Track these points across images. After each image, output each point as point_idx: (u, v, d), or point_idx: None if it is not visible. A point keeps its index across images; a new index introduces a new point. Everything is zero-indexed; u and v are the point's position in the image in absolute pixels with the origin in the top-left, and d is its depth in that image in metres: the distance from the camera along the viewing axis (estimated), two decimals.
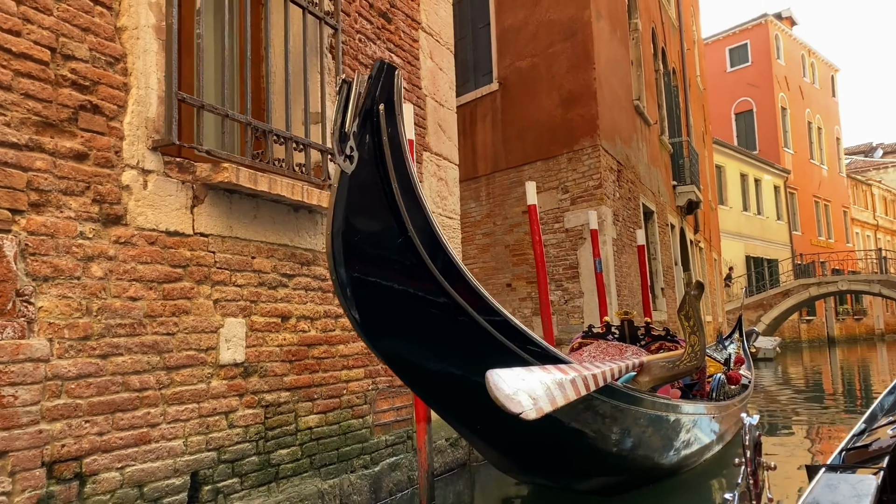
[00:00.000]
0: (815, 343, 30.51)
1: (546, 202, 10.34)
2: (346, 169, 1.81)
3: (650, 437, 3.66)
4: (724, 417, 5.67)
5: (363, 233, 1.92)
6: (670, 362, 3.50)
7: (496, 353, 2.45)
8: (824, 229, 35.39)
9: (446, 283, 2.14)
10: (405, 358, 2.33)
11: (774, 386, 14.13)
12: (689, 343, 3.49)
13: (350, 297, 1.97)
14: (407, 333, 2.22)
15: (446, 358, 2.36)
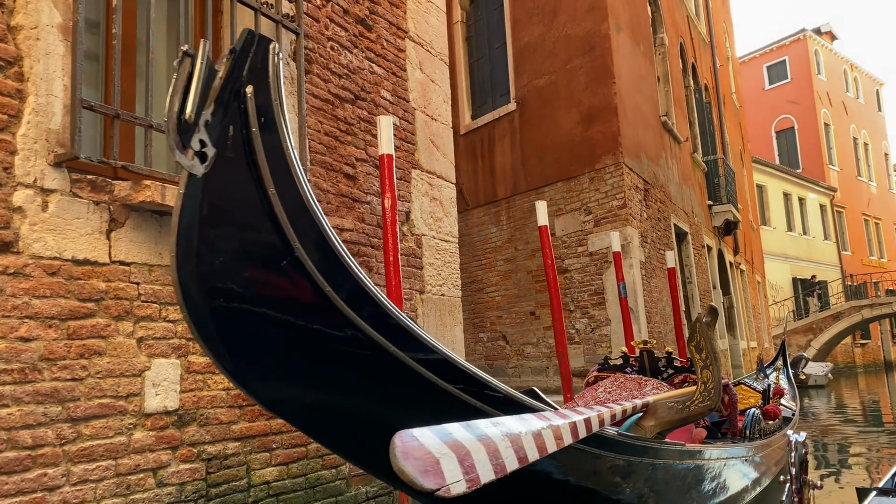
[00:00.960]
0: (871, 368, 28.97)
1: (568, 225, 9.83)
2: (193, 170, 1.38)
3: (661, 492, 3.11)
4: (761, 459, 5.03)
5: (228, 253, 1.48)
6: (679, 402, 2.95)
7: (433, 403, 1.97)
8: (876, 248, 33.82)
9: (354, 315, 1.67)
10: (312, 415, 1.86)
11: (827, 414, 13.29)
12: (700, 379, 2.95)
13: (214, 339, 1.53)
14: (309, 383, 1.77)
15: (362, 410, 1.89)
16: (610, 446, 2.61)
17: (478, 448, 1.67)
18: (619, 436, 2.67)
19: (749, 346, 16.75)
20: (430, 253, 4.78)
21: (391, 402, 1.93)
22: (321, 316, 1.64)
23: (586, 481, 2.67)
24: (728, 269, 15.87)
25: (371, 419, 1.91)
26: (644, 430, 2.96)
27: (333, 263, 1.63)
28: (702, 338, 2.98)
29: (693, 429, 4.36)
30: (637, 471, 2.87)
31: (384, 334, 1.76)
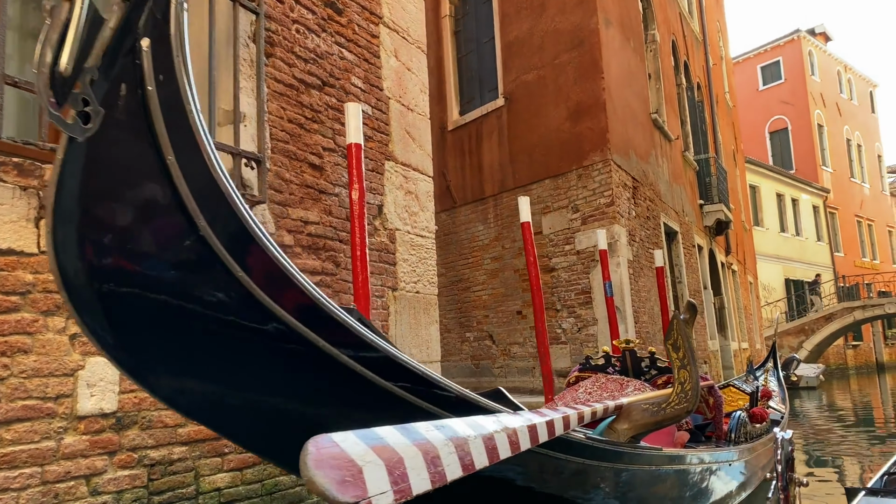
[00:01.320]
0: (863, 369, 28.91)
1: (556, 223, 9.65)
2: (73, 133, 1.18)
3: (636, 499, 2.93)
4: (746, 463, 4.86)
5: (118, 232, 1.28)
6: (655, 405, 2.77)
7: (372, 404, 1.79)
8: (868, 250, 33.76)
9: (273, 304, 1.48)
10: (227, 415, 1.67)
11: (818, 416, 13.18)
12: (677, 380, 2.77)
13: (103, 329, 1.33)
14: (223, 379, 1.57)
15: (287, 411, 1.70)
16: (577, 451, 2.43)
17: (413, 454, 1.48)
18: (587, 440, 2.49)
19: (740, 348, 16.62)
20: (405, 248, 4.60)
21: (322, 403, 1.74)
22: (233, 304, 1.45)
23: (552, 488, 2.48)
24: (719, 270, 15.72)
25: (298, 421, 1.72)
26: (617, 434, 2.77)
27: (247, 244, 1.43)
28: (679, 336, 2.80)
29: (675, 432, 4.19)
30: (608, 477, 2.69)
31: (312, 327, 1.57)
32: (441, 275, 11.28)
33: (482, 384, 10.61)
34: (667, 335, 2.85)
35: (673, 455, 3.21)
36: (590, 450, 2.48)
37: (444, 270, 11.29)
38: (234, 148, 3.17)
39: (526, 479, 2.33)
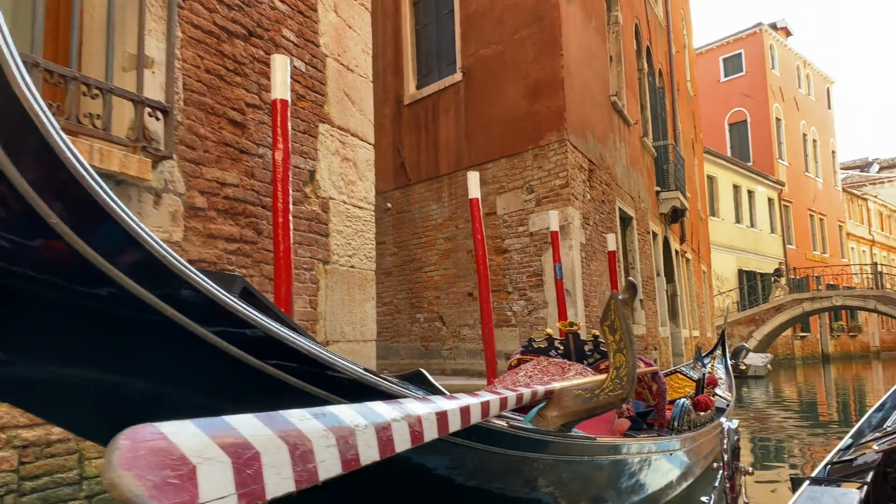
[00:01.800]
0: (810, 360, 29.61)
1: (510, 203, 9.44)
2: None
3: (569, 491, 2.72)
4: (689, 452, 4.73)
5: None
6: (587, 391, 2.56)
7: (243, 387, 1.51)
8: (819, 243, 34.50)
9: (112, 268, 1.18)
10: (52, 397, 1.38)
11: (764, 404, 13.35)
12: (612, 365, 2.56)
13: None
14: (55, 355, 1.27)
15: (136, 395, 1.41)
16: (498, 441, 2.19)
17: (276, 448, 1.20)
18: (509, 428, 2.25)
19: (691, 335, 16.74)
20: (339, 219, 4.30)
21: (181, 385, 1.46)
22: (59, 269, 1.15)
23: (472, 482, 2.24)
24: (673, 257, 15.76)
25: (153, 406, 1.44)
26: (546, 422, 2.55)
27: (75, 198, 1.12)
28: (616, 317, 2.58)
29: (615, 419, 4.00)
30: (535, 469, 2.46)
31: (151, 286, 1.28)
32: (393, 254, 11.00)
33: (431, 366, 10.39)
34: (603, 316, 2.64)
35: (608, 444, 3.00)
36: (512, 439, 2.24)
37: (396, 250, 11.00)
38: (136, 95, 2.83)
39: (441, 473, 2.08)
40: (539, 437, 2.40)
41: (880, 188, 44.07)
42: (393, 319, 10.99)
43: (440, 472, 2.08)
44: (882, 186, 44.36)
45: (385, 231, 11.18)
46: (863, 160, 51.68)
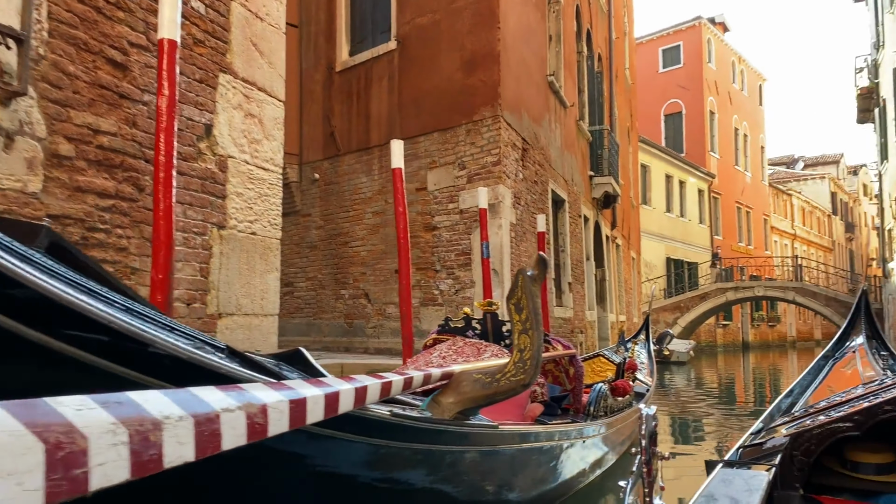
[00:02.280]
0: (730, 348, 30.60)
1: (441, 179, 9.16)
2: None
3: (470, 483, 2.49)
4: (604, 438, 4.59)
5: None
6: (488, 375, 2.31)
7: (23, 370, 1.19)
8: (745, 235, 35.61)
9: None
10: None
11: (685, 389, 13.58)
12: (516, 346, 2.32)
13: None
14: None
15: None
16: (379, 431, 1.92)
17: (22, 448, 0.89)
18: (392, 418, 1.98)
19: (618, 320, 16.92)
20: (240, 180, 3.93)
21: None
22: None
23: (347, 478, 1.97)
24: (604, 242, 15.84)
25: None
26: (441, 408, 2.29)
27: None
28: (523, 295, 2.34)
29: (526, 404, 3.80)
30: (426, 460, 2.21)
31: None
32: (319, 227, 10.60)
33: (354, 344, 10.09)
34: (509, 293, 2.38)
35: (512, 432, 2.78)
36: (396, 429, 1.97)
37: (322, 223, 10.60)
38: None
39: (304, 469, 1.80)
40: (430, 426, 2.14)
41: (804, 185, 45.82)
42: (316, 295, 10.61)
43: (302, 468, 1.79)
44: (806, 183, 46.13)
45: (311, 203, 10.76)
46: (789, 157, 53.61)
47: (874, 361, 3.80)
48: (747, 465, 2.26)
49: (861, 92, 19.38)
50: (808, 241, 43.01)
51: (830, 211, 46.63)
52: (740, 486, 1.96)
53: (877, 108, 18.77)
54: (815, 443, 2.28)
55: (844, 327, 4.88)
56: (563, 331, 11.24)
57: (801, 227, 42.94)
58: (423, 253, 9.25)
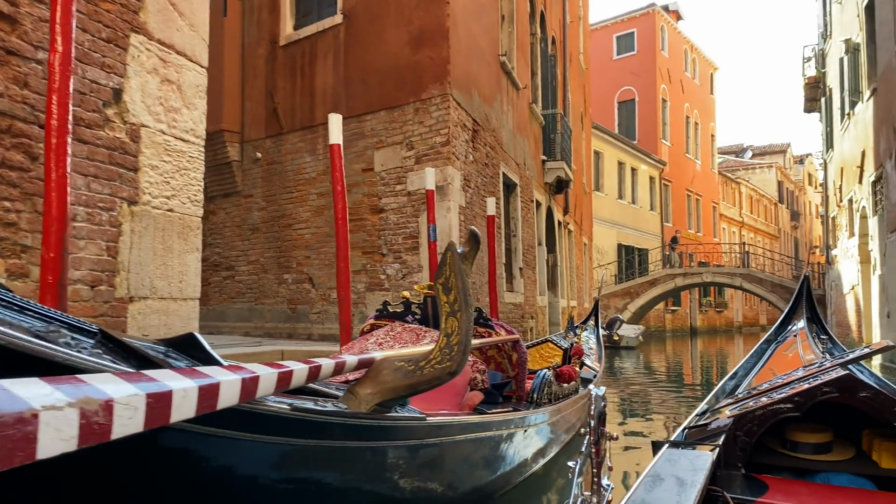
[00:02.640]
0: (679, 333, 31.11)
1: (388, 160, 8.87)
2: None
3: (387, 483, 2.26)
4: (547, 426, 4.42)
5: None
6: (411, 362, 2.08)
7: None
8: (694, 222, 36.17)
9: None
10: None
11: (634, 373, 13.66)
12: (443, 331, 2.09)
13: None
14: None
15: None
16: (278, 428, 1.67)
17: None
18: (292, 412, 1.73)
19: (569, 305, 16.92)
20: (155, 152, 3.59)
21: None
22: None
23: (243, 481, 1.71)
24: (556, 228, 15.77)
25: None
26: (358, 400, 2.05)
27: None
28: (452, 274, 2.11)
29: (464, 392, 3.59)
30: (339, 459, 1.97)
31: None
32: (261, 209, 10.21)
33: (297, 330, 9.77)
34: (437, 271, 2.15)
35: (443, 424, 2.55)
36: (296, 425, 1.73)
37: (264, 204, 10.21)
38: None
39: (184, 473, 1.54)
40: (340, 420, 1.90)
41: (752, 174, 46.79)
42: (259, 280, 10.24)
43: (182, 473, 1.53)
44: (754, 172, 47.12)
45: (253, 183, 10.35)
46: (738, 146, 54.66)
47: (814, 345, 3.91)
48: (692, 445, 2.30)
49: (808, 81, 19.69)
50: (755, 228, 43.99)
51: (777, 199, 47.77)
52: (685, 466, 2.00)
53: (823, 97, 19.09)
54: (758, 423, 2.34)
55: (786, 312, 4.98)
56: (513, 316, 11.11)
57: (749, 214, 43.88)
58: (370, 236, 8.97)
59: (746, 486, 2.20)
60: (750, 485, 2.22)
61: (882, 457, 2.34)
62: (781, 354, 4.19)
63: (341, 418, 1.90)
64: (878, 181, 12.95)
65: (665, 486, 1.82)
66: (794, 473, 2.42)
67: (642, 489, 1.79)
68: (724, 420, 2.45)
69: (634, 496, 1.71)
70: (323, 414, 1.84)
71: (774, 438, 2.55)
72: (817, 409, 2.36)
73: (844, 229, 16.55)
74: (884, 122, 12.24)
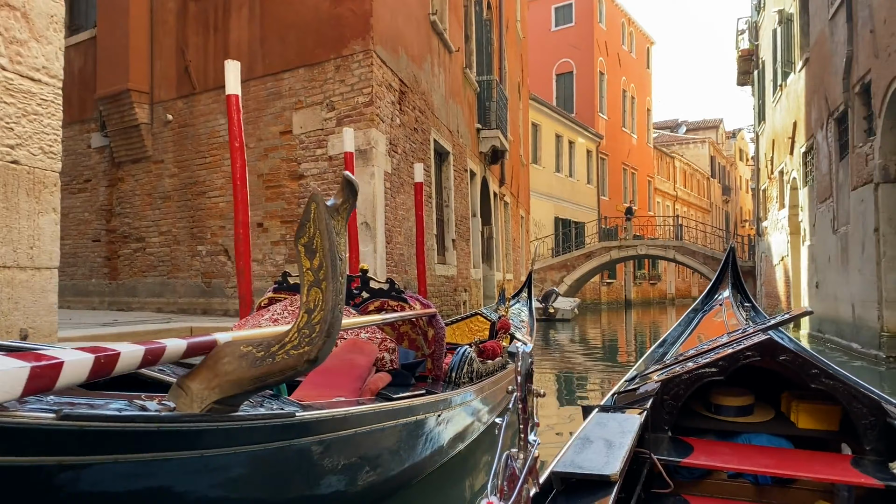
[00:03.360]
0: (614, 305, 31.47)
1: (308, 121, 8.24)
2: None
3: (240, 496, 1.78)
4: (468, 408, 4.00)
5: None
6: (262, 347, 1.60)
7: None
8: (630, 196, 36.49)
9: None
10: None
11: (570, 345, 13.64)
12: (303, 306, 1.61)
13: None
14: None
15: None
16: (35, 443, 1.17)
17: None
18: (60, 422, 1.23)
19: (505, 278, 16.65)
20: None
21: None
22: None
23: None
24: (491, 199, 15.39)
25: None
26: (190, 398, 1.56)
27: None
28: (317, 231, 1.62)
29: (366, 375, 3.12)
30: (157, 477, 1.48)
31: None
32: (172, 175, 9.44)
33: (213, 306, 9.11)
34: (298, 230, 1.66)
35: (319, 420, 2.08)
36: (65, 439, 1.23)
37: (176, 170, 9.44)
38: None
39: None
40: (143, 427, 1.40)
41: (686, 148, 47.54)
42: (171, 252, 9.49)
43: None
44: (687, 147, 47.88)
45: (164, 148, 9.55)
46: (672, 121, 55.44)
47: (738, 313, 4.05)
48: (621, 409, 2.35)
49: (741, 54, 19.76)
50: (688, 202, 44.80)
51: (709, 174, 48.73)
52: (614, 429, 2.03)
53: (756, 70, 19.20)
54: (684, 388, 2.40)
55: (713, 282, 5.11)
56: (445, 289, 10.70)
57: (683, 189, 44.63)
58: (289, 204, 8.36)
59: (672, 448, 2.25)
60: (676, 446, 2.27)
61: (799, 417, 2.43)
62: (708, 322, 4.34)
63: (140, 424, 1.39)
64: (809, 152, 13.01)
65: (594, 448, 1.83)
66: (718, 435, 2.50)
67: (572, 451, 1.80)
68: (651, 385, 2.49)
69: (565, 458, 1.72)
70: (114, 421, 1.33)
71: (700, 402, 2.62)
72: (740, 374, 2.41)
73: (775, 201, 16.72)
74: (815, 92, 12.24)
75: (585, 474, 1.62)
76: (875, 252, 9.11)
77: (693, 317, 4.57)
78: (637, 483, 2.02)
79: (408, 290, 4.58)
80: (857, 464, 2.09)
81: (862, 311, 9.73)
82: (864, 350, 9.55)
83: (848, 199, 10.41)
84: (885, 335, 8.87)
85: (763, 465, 2.11)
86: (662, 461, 2.10)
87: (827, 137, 11.52)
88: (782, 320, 2.67)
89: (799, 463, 2.12)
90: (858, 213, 9.77)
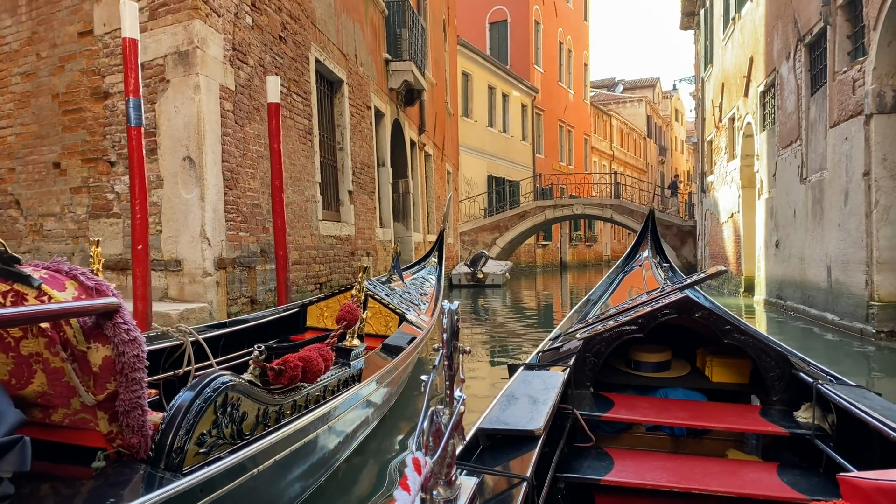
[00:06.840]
0: (549, 268, 29.91)
1: (115, 16, 5.76)
2: None
3: None
4: None
5: None
6: None
7: None
8: (566, 154, 34.76)
9: None
10: None
11: (502, 311, 12.41)
12: None
13: None
14: None
15: None
16: None
17: None
18: None
19: (426, 240, 14.51)
20: None
21: None
22: None
23: None
24: (407, 147, 13.13)
25: None
26: None
27: None
28: None
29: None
30: None
31: None
32: None
33: None
34: None
35: None
36: None
37: None
38: None
39: None
40: None
41: (623, 107, 46.10)
42: None
43: None
44: (625, 106, 46.46)
45: None
46: (609, 80, 54.00)
47: (657, 273, 4.30)
48: (546, 366, 2.42)
49: None
50: (625, 162, 43.46)
51: (646, 134, 47.52)
52: (539, 386, 2.09)
53: (702, 9, 17.38)
54: (605, 345, 2.46)
55: (634, 244, 5.34)
56: (339, 252, 8.47)
57: (619, 148, 43.24)
58: (92, 135, 5.93)
59: (594, 403, 2.33)
60: (597, 402, 2.36)
61: (713, 371, 2.52)
62: (629, 282, 4.49)
63: None
64: (769, 90, 11.19)
65: (519, 405, 1.88)
66: (638, 390, 2.62)
67: (498, 408, 1.85)
68: (574, 343, 2.56)
69: (491, 414, 1.78)
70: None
71: (620, 359, 2.69)
72: (659, 331, 2.47)
73: (723, 152, 15.00)
74: (779, 17, 10.35)
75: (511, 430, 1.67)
76: (864, 202, 7.31)
77: (615, 277, 4.77)
78: (560, 437, 2.05)
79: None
80: (764, 413, 2.22)
81: (841, 274, 7.98)
82: (843, 322, 7.80)
83: (823, 139, 8.60)
84: (875, 304, 7.11)
85: (679, 418, 2.21)
86: (585, 416, 2.17)
87: (794, 69, 9.67)
88: (698, 279, 2.86)
89: (712, 414, 2.22)
90: (840, 155, 7.95)
